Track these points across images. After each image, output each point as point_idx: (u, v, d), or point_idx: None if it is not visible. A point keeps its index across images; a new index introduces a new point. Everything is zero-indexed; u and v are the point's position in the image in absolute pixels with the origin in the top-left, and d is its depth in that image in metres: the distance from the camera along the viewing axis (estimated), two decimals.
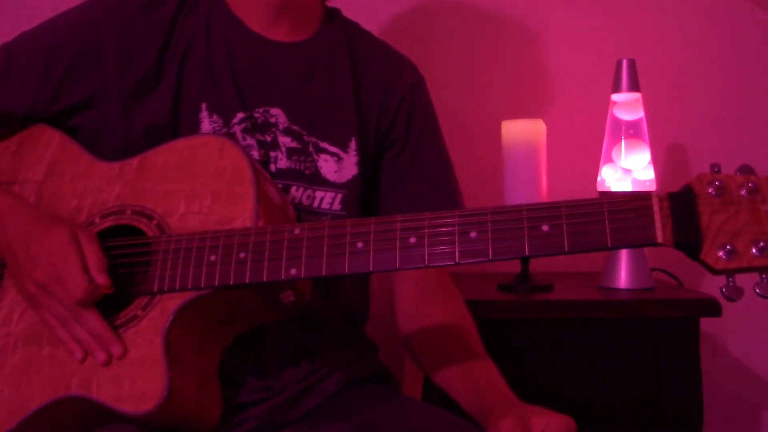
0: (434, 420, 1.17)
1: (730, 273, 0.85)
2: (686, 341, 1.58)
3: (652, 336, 1.58)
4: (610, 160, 1.75)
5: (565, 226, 0.89)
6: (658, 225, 0.87)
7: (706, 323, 1.60)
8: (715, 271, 0.85)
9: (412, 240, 0.95)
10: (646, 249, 1.71)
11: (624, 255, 1.70)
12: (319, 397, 1.23)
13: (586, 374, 1.60)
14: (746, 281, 0.86)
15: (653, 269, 1.77)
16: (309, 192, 1.25)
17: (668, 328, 1.58)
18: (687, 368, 1.57)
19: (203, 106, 1.22)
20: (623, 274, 1.69)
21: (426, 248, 0.94)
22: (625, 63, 1.74)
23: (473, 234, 0.93)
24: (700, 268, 0.87)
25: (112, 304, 1.08)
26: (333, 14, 1.37)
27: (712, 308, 1.55)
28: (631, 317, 1.59)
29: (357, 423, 1.17)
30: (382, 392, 1.28)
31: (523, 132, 1.72)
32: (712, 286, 1.19)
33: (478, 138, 2.01)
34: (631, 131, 1.74)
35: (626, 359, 1.60)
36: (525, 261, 1.72)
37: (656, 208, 0.87)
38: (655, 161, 1.78)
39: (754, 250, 0.83)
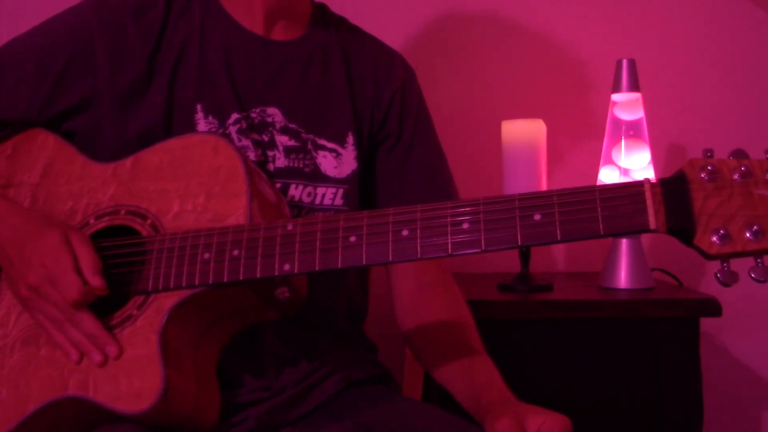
0: (434, 421, 1.16)
1: (724, 258, 0.84)
2: (686, 341, 1.57)
3: (652, 336, 1.58)
4: (610, 160, 1.76)
5: (557, 215, 0.89)
6: (650, 211, 0.86)
7: (706, 323, 1.59)
8: (709, 256, 0.84)
9: (405, 233, 0.95)
10: (646, 248, 1.71)
11: (624, 255, 1.69)
12: (318, 397, 1.23)
13: (586, 374, 1.59)
14: (741, 266, 0.85)
15: (653, 269, 1.77)
16: (309, 189, 1.24)
17: (668, 328, 1.57)
18: (687, 368, 1.56)
19: (198, 107, 1.21)
20: (623, 274, 1.69)
21: (419, 240, 0.94)
22: (625, 63, 1.74)
23: (465, 225, 0.92)
24: (700, 268, 0.86)
25: (108, 303, 1.07)
26: (321, 9, 1.37)
27: (712, 308, 1.55)
28: (631, 317, 1.58)
29: (356, 424, 1.17)
30: (382, 393, 1.28)
31: (523, 132, 1.71)
32: (712, 286, 1.19)
33: (478, 138, 2.02)
34: (631, 131, 1.74)
35: (626, 359, 1.59)
36: (525, 260, 1.72)
37: (648, 194, 0.86)
38: (655, 161, 1.78)
39: (748, 234, 0.82)
